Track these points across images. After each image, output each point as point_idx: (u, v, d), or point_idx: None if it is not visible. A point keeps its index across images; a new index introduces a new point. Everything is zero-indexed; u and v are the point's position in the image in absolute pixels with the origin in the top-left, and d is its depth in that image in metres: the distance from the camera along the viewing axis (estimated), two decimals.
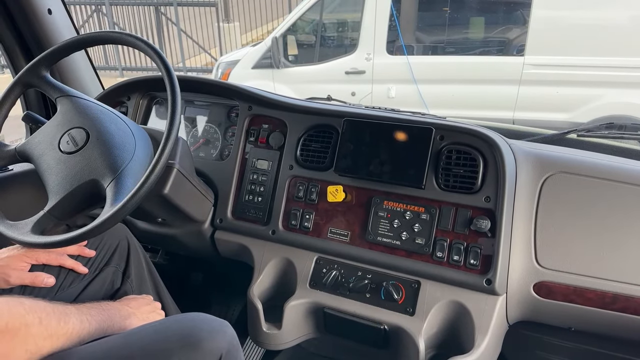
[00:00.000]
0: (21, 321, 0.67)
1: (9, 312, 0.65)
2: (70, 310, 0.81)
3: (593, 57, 3.75)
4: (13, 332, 0.64)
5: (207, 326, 0.90)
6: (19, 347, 0.65)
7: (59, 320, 0.74)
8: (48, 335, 0.71)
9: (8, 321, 0.64)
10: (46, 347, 0.70)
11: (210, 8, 7.68)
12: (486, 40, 4.23)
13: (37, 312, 0.70)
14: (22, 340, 0.66)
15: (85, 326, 0.83)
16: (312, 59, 4.49)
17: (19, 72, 1.13)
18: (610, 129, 1.38)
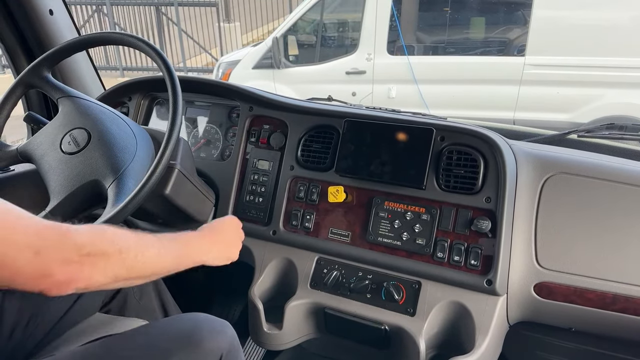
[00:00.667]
0: (102, 250, 0.70)
1: (92, 242, 0.69)
2: (151, 242, 0.81)
3: (594, 58, 3.75)
4: (93, 260, 0.69)
5: (207, 326, 0.90)
6: (98, 274, 0.70)
7: (137, 254, 0.76)
8: (124, 266, 0.74)
9: (90, 250, 0.68)
10: (122, 276, 0.74)
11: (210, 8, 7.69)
12: (487, 41, 4.23)
13: (117, 244, 0.73)
14: (101, 267, 0.70)
15: (161, 260, 0.83)
16: (312, 59, 4.49)
17: (21, 72, 1.14)
18: (610, 130, 1.38)
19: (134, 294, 1.20)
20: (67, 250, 0.67)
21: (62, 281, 0.66)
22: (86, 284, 0.69)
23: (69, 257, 0.67)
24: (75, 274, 0.67)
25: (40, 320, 1.06)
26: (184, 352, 0.85)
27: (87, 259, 0.68)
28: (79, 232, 0.69)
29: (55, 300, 1.08)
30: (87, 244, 0.69)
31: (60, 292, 0.67)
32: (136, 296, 1.20)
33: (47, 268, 0.65)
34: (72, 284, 0.67)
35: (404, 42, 4.17)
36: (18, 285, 0.66)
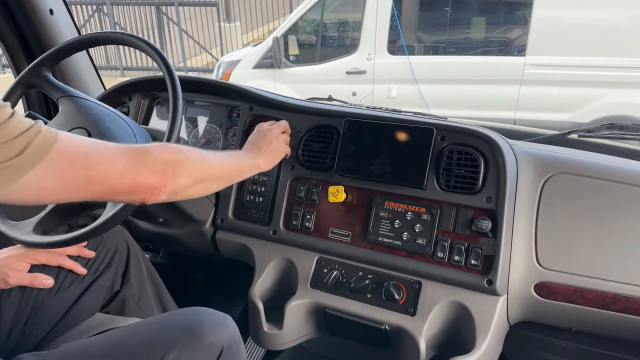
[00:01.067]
0: (175, 158, 0.83)
1: (164, 154, 0.82)
2: (206, 151, 0.94)
3: (594, 57, 3.74)
4: (172, 166, 0.82)
5: (209, 320, 0.91)
6: (179, 176, 0.83)
7: (200, 157, 0.90)
8: (196, 167, 0.88)
9: (166, 159, 0.82)
10: (198, 176, 0.88)
11: (211, 8, 7.69)
12: (487, 40, 4.23)
13: (182, 152, 0.86)
14: (179, 171, 0.83)
15: (224, 162, 0.98)
16: (313, 59, 4.49)
17: (21, 72, 1.14)
18: (611, 130, 1.37)
19: (133, 296, 1.20)
20: (149, 163, 0.79)
21: (155, 186, 0.79)
22: (174, 187, 0.82)
23: (153, 167, 0.79)
24: (163, 179, 0.80)
25: (39, 320, 1.06)
26: (186, 344, 0.86)
27: (167, 166, 0.81)
28: (152, 148, 0.82)
29: (54, 300, 1.08)
30: (165, 154, 0.82)
31: (157, 197, 0.80)
32: (135, 298, 1.20)
33: (139, 179, 0.78)
34: (163, 188, 0.80)
35: (404, 42, 4.17)
36: (120, 197, 0.80)
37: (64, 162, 0.70)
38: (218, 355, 0.89)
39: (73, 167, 0.71)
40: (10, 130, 0.64)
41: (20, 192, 0.67)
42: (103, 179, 0.74)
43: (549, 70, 3.82)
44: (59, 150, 0.69)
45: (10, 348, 1.02)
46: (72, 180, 0.72)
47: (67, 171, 0.71)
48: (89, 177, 0.73)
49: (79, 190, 0.74)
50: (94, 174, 0.73)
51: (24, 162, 0.65)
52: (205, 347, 0.88)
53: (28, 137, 0.66)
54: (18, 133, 0.65)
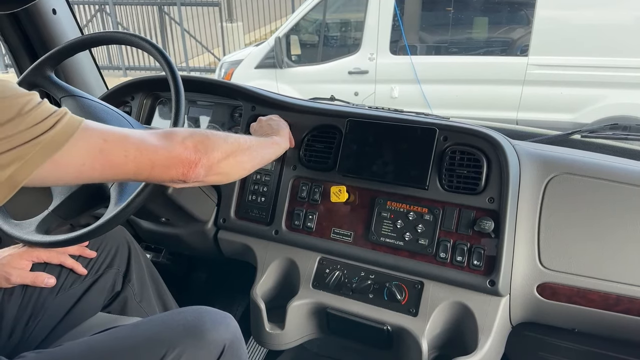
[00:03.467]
0: (201, 134, 0.87)
1: (190, 132, 0.85)
2: (224, 133, 0.96)
3: (597, 58, 3.73)
4: (202, 142, 0.85)
5: (210, 318, 0.91)
6: (210, 149, 0.86)
7: (223, 135, 0.92)
8: (223, 141, 0.90)
9: (195, 138, 0.84)
10: (226, 149, 0.90)
11: (213, 8, 7.69)
12: (490, 41, 4.22)
13: (205, 131, 0.89)
14: (210, 145, 0.86)
15: (244, 139, 0.99)
16: (315, 58, 4.49)
17: (24, 72, 1.14)
18: (614, 130, 1.37)
19: (135, 296, 1.20)
20: (179, 139, 0.82)
21: (191, 160, 0.82)
22: (208, 160, 0.85)
23: (184, 142, 0.82)
24: (196, 153, 0.82)
25: (41, 320, 1.06)
26: (188, 342, 0.86)
27: (196, 141, 0.83)
28: (177, 129, 0.86)
29: (55, 300, 1.08)
30: (188, 133, 0.84)
31: (195, 171, 0.83)
32: (136, 298, 1.20)
33: (174, 152, 0.80)
34: (199, 162, 0.83)
35: (406, 42, 4.17)
36: (160, 173, 0.81)
37: (98, 137, 0.73)
38: (220, 354, 0.90)
39: (109, 142, 0.74)
40: (42, 112, 0.68)
41: (61, 167, 0.70)
42: (140, 153, 0.77)
43: (551, 70, 3.81)
44: (88, 127, 0.73)
45: (12, 347, 1.02)
46: (111, 154, 0.74)
47: (104, 145, 0.73)
48: (127, 150, 0.75)
49: (120, 165, 0.76)
50: (130, 149, 0.76)
51: (57, 137, 0.69)
52: (207, 345, 0.88)
53: (57, 116, 0.70)
54: (48, 114, 0.69)
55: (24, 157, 0.66)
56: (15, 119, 0.66)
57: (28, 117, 0.67)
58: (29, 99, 0.69)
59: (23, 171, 0.67)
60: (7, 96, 0.67)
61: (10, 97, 0.67)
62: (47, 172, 0.70)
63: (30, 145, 0.67)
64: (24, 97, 0.68)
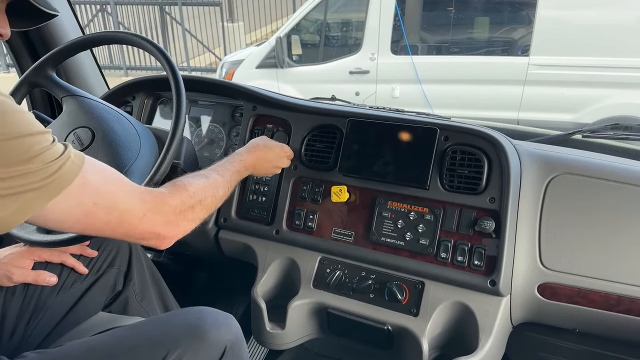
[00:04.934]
0: (189, 205, 0.89)
1: (182, 201, 0.87)
2: (217, 182, 0.99)
3: (598, 58, 3.73)
4: (185, 215, 0.88)
5: (212, 319, 0.92)
6: (189, 224, 0.89)
7: (211, 197, 0.96)
8: (205, 210, 0.94)
9: (181, 209, 0.86)
10: (204, 217, 0.94)
11: (214, 8, 7.70)
12: (491, 40, 4.22)
13: (197, 196, 0.91)
14: (190, 218, 0.89)
15: (227, 191, 1.03)
16: (316, 58, 4.49)
17: (25, 71, 1.14)
18: (615, 130, 1.37)
19: (136, 296, 1.20)
20: (166, 214, 0.83)
21: (167, 237, 0.85)
22: (184, 232, 0.88)
23: (169, 219, 0.84)
24: (176, 230, 0.85)
25: (42, 319, 1.06)
26: (189, 343, 0.86)
27: (181, 216, 0.86)
28: (171, 195, 0.85)
29: (56, 299, 1.08)
30: (179, 204, 0.86)
31: (166, 245, 0.86)
32: (137, 298, 1.20)
33: (154, 229, 0.82)
34: (174, 238, 0.86)
35: (407, 42, 4.17)
36: (133, 240, 0.87)
37: (89, 199, 0.74)
38: (221, 355, 0.90)
39: (97, 205, 0.75)
40: (52, 153, 0.69)
41: (46, 217, 0.71)
42: (119, 225, 0.78)
43: (552, 70, 3.81)
44: (85, 181, 0.72)
45: (14, 346, 1.03)
46: (94, 218, 0.75)
47: (91, 209, 0.74)
48: (108, 220, 0.77)
49: (97, 229, 0.78)
50: (113, 219, 0.77)
51: (56, 184, 0.69)
52: (208, 346, 0.88)
53: (62, 161, 0.70)
54: (56, 157, 0.69)
55: (22, 200, 0.66)
56: (25, 164, 0.65)
57: (36, 161, 0.66)
58: (37, 139, 0.67)
59: (17, 215, 0.67)
60: (13, 137, 0.65)
61: (17, 138, 0.65)
62: (35, 219, 0.71)
63: (31, 193, 0.67)
64: (33, 137, 0.67)
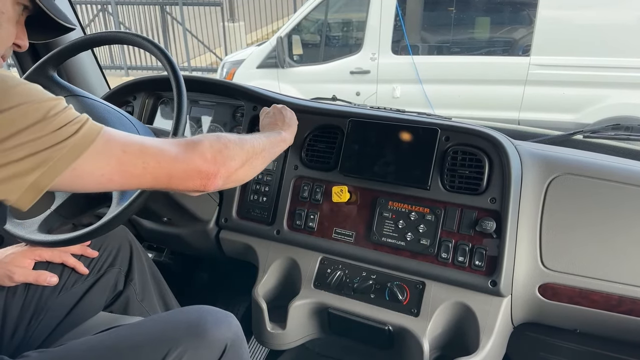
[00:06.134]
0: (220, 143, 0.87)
1: (210, 142, 0.85)
2: (237, 135, 0.96)
3: (599, 58, 3.72)
4: (220, 151, 0.86)
5: (212, 317, 0.92)
6: (229, 159, 0.87)
7: (239, 139, 0.93)
8: (240, 148, 0.91)
9: (214, 147, 0.85)
10: (243, 156, 0.92)
11: (215, 7, 7.70)
12: (492, 41, 4.22)
13: (222, 138, 0.89)
14: (227, 154, 0.87)
15: (258, 140, 1.00)
16: (317, 58, 4.49)
17: (27, 71, 1.14)
18: (616, 130, 1.37)
19: (137, 296, 1.20)
20: (199, 151, 0.82)
21: (210, 172, 0.83)
22: (226, 171, 0.86)
23: (203, 154, 0.82)
24: (214, 165, 0.84)
25: (43, 319, 1.06)
26: (190, 341, 0.87)
27: (215, 152, 0.84)
28: (196, 137, 0.85)
29: (57, 299, 1.08)
30: (208, 142, 0.85)
31: (214, 183, 0.84)
32: (138, 298, 1.21)
33: (193, 165, 0.81)
34: (218, 173, 0.84)
35: (408, 42, 4.17)
36: (178, 184, 0.82)
37: (118, 148, 0.74)
38: (221, 353, 0.90)
39: (128, 153, 0.75)
40: (67, 116, 0.70)
41: (81, 175, 0.71)
42: (159, 165, 0.77)
43: (553, 70, 3.80)
44: (108, 135, 0.73)
45: (15, 346, 1.03)
46: (129, 165, 0.75)
47: (123, 156, 0.74)
48: (145, 162, 0.76)
49: (138, 176, 0.77)
50: (149, 161, 0.76)
51: (79, 142, 0.70)
52: (209, 344, 0.88)
53: (80, 122, 0.71)
54: (72, 119, 0.70)
55: (48, 161, 0.67)
56: (42, 122, 0.67)
57: (54, 121, 0.68)
58: (56, 103, 0.70)
59: (47, 177, 0.68)
60: (33, 100, 0.68)
61: (37, 101, 0.68)
62: (67, 180, 0.70)
63: (54, 150, 0.67)
64: (51, 102, 0.69)
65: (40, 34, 0.88)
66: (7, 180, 0.65)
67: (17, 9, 0.78)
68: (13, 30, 0.79)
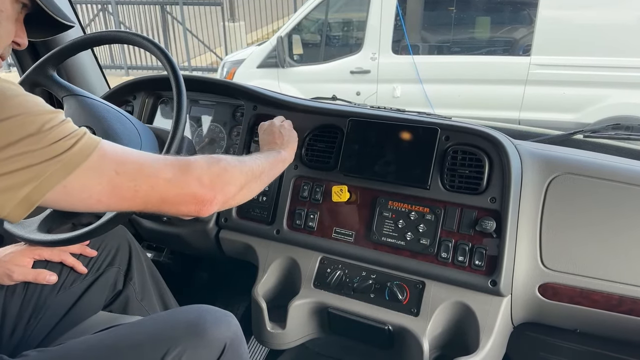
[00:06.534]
0: (218, 167, 0.84)
1: (208, 164, 0.83)
2: (239, 157, 0.95)
3: (600, 58, 3.72)
4: (218, 175, 0.83)
5: (211, 317, 0.92)
6: (227, 184, 0.85)
7: (238, 163, 0.90)
8: (239, 172, 0.89)
9: (212, 170, 0.83)
10: (242, 180, 0.90)
11: (215, 7, 7.70)
12: (492, 40, 4.21)
13: (222, 160, 0.86)
14: (226, 179, 0.85)
15: (258, 162, 0.99)
16: (317, 58, 4.48)
17: (26, 71, 1.14)
18: (616, 130, 1.37)
19: (136, 295, 1.21)
20: (196, 174, 0.79)
21: (206, 199, 0.79)
22: (224, 196, 0.83)
23: (200, 178, 0.79)
24: (212, 191, 0.80)
25: (42, 318, 1.06)
26: (189, 341, 0.87)
27: (213, 176, 0.81)
28: (195, 160, 0.82)
29: (56, 298, 1.08)
30: (206, 166, 0.82)
31: (210, 209, 0.80)
32: (138, 297, 1.21)
33: (188, 189, 0.78)
34: (214, 200, 0.80)
35: (408, 42, 4.16)
36: (170, 208, 0.78)
37: (111, 168, 0.72)
38: (221, 352, 0.90)
39: (121, 174, 0.72)
40: (63, 130, 0.69)
41: (70, 193, 0.69)
42: (151, 189, 0.74)
43: (554, 70, 3.80)
44: (104, 152, 0.72)
45: (14, 345, 1.03)
46: (121, 188, 0.73)
47: (115, 178, 0.72)
48: (137, 185, 0.73)
49: (128, 200, 0.74)
50: (142, 184, 0.74)
51: (74, 158, 0.68)
52: (208, 343, 0.88)
53: (77, 136, 0.70)
54: (69, 132, 0.69)
55: (40, 176, 0.66)
56: (37, 134, 0.66)
57: (49, 135, 0.67)
58: (52, 116, 0.69)
59: (38, 192, 0.66)
60: (30, 112, 0.67)
61: (33, 114, 0.67)
62: (57, 197, 0.69)
63: (47, 165, 0.66)
64: (47, 115, 0.69)
65: (39, 31, 0.88)
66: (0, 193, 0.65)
67: (16, 7, 0.77)
68: (12, 29, 0.78)
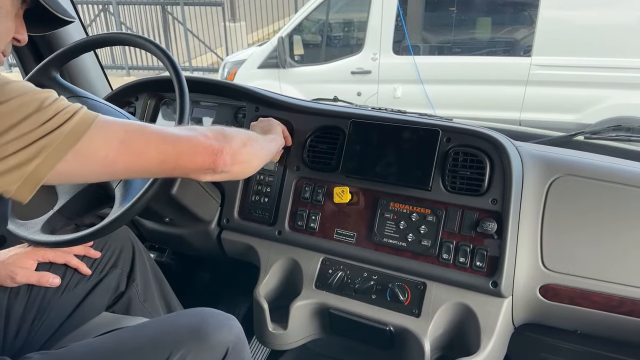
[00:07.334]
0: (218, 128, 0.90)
1: (209, 127, 0.89)
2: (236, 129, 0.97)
3: (601, 58, 3.72)
4: (221, 133, 0.88)
5: (214, 320, 0.92)
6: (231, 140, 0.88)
7: (237, 131, 0.95)
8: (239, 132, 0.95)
9: (214, 130, 0.88)
10: (243, 138, 0.94)
11: (216, 8, 7.70)
12: (493, 41, 4.21)
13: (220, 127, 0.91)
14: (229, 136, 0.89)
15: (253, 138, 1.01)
16: (318, 58, 4.49)
17: (29, 72, 1.15)
18: (617, 131, 1.37)
19: (139, 296, 1.21)
20: (199, 130, 0.84)
21: (216, 148, 0.83)
22: (231, 148, 0.86)
23: (205, 133, 0.84)
24: (218, 142, 0.84)
25: (46, 320, 1.07)
26: (191, 344, 0.87)
27: (215, 132, 0.86)
28: (194, 125, 0.87)
29: (60, 300, 1.09)
30: (206, 127, 0.87)
31: (224, 159, 0.84)
32: (141, 298, 1.21)
33: (197, 141, 0.81)
34: (224, 149, 0.84)
35: (409, 42, 4.17)
36: (188, 162, 0.81)
37: (118, 128, 0.74)
38: (223, 356, 0.90)
39: (129, 132, 0.74)
40: (61, 104, 0.71)
41: (84, 158, 0.71)
42: (162, 141, 0.77)
43: (555, 71, 3.80)
44: (106, 118, 0.73)
45: (18, 347, 1.03)
46: (132, 143, 0.74)
47: (125, 136, 0.74)
48: (147, 140, 0.76)
49: (143, 154, 0.76)
50: (151, 138, 0.76)
51: (77, 127, 0.70)
52: (211, 347, 0.89)
53: (75, 108, 0.71)
54: (67, 106, 0.71)
55: (47, 148, 0.67)
56: (38, 112, 0.67)
57: (49, 110, 0.69)
58: (49, 94, 0.71)
59: (46, 164, 0.68)
60: (28, 92, 0.69)
61: (30, 93, 0.69)
62: (70, 165, 0.70)
63: (52, 136, 0.68)
64: (44, 93, 0.70)
65: (39, 27, 0.88)
66: (7, 173, 0.66)
67: (15, 3, 0.77)
68: (12, 25, 0.78)
